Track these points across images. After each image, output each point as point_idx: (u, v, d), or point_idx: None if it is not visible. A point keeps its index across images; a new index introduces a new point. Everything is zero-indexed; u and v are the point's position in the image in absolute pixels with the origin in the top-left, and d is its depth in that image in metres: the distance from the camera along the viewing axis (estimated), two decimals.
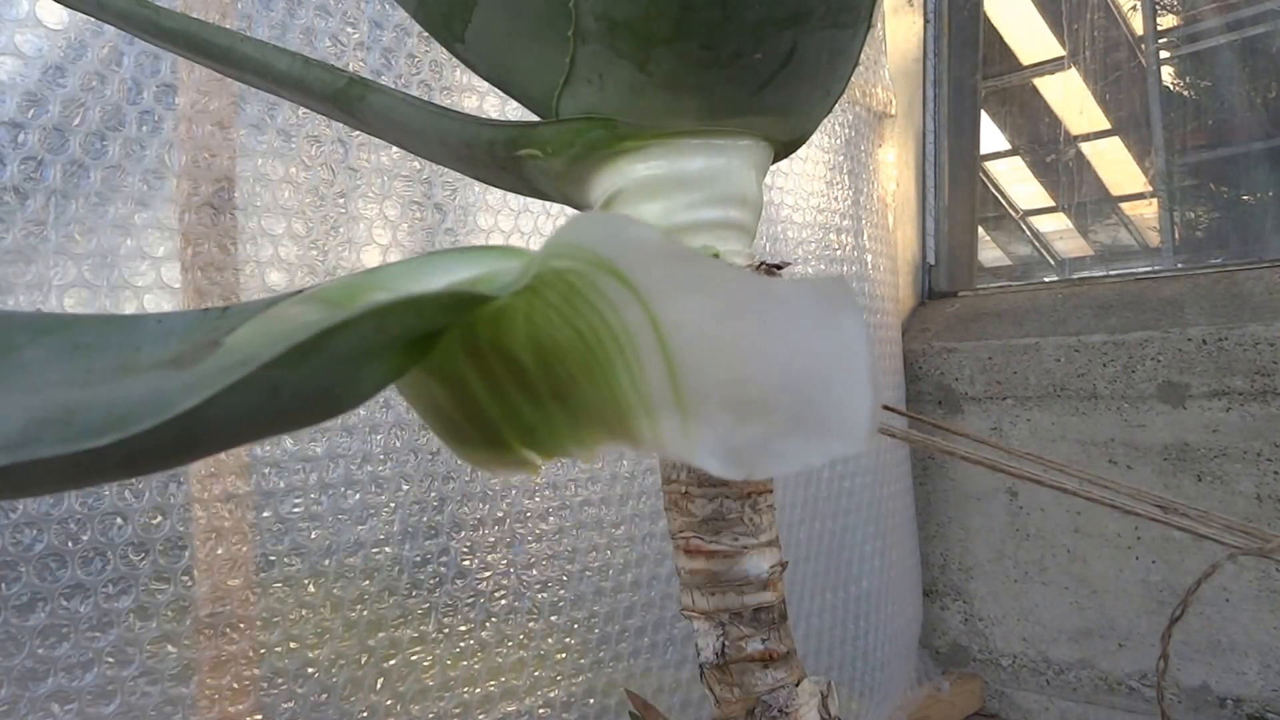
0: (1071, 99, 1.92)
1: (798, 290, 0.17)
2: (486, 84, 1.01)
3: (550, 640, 0.99)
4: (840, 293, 0.16)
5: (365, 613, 0.84)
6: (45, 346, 0.24)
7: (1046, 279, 1.94)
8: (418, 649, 0.87)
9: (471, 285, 0.20)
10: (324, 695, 0.80)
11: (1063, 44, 1.90)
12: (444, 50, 0.94)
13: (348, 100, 0.38)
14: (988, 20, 1.88)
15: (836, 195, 1.47)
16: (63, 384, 0.22)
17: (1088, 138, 1.93)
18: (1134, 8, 1.81)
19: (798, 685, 0.39)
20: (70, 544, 0.67)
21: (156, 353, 0.24)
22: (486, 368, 0.22)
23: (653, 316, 0.17)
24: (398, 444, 0.87)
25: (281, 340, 0.18)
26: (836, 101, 0.39)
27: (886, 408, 0.50)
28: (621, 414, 0.19)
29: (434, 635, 0.89)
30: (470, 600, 0.92)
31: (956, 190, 1.85)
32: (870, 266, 1.54)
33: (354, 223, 0.86)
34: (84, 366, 0.24)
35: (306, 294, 0.27)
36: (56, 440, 0.18)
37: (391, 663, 0.85)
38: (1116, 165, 1.93)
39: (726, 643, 0.39)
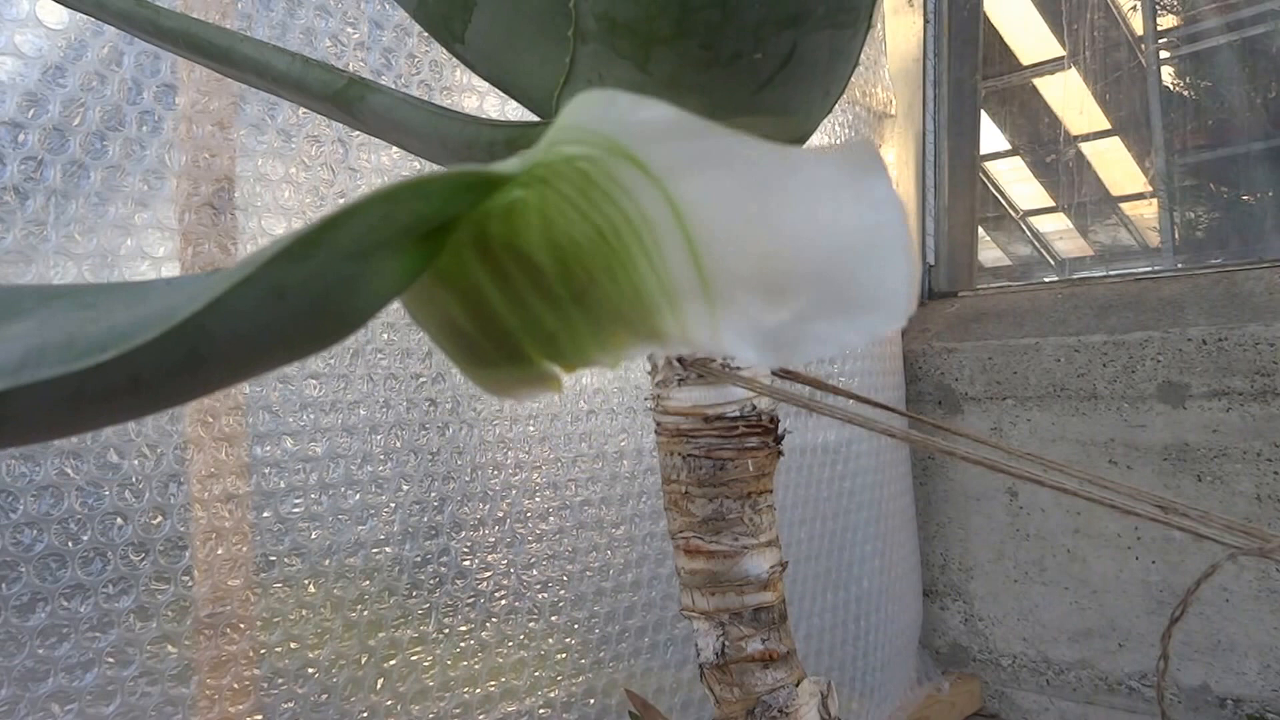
0: (1071, 99, 1.92)
1: (823, 158, 0.16)
2: (487, 84, 1.01)
3: (551, 640, 0.99)
4: (868, 156, 0.15)
5: (365, 613, 0.83)
6: (53, 308, 0.24)
7: (1046, 279, 1.94)
8: (418, 649, 0.87)
9: (481, 166, 0.19)
10: (324, 695, 0.80)
11: (1063, 44, 1.90)
12: (443, 51, 0.94)
13: (347, 100, 0.38)
14: (988, 20, 1.88)
15: None
16: (68, 323, 0.21)
17: (1088, 138, 1.93)
18: (1134, 8, 1.82)
19: (798, 685, 0.39)
20: (70, 544, 0.67)
21: (133, 310, 0.23)
22: (502, 272, 0.21)
23: (671, 199, 0.16)
24: (398, 444, 0.87)
25: (285, 239, 0.17)
26: (836, 101, 0.39)
27: (886, 408, 0.50)
28: (645, 310, 0.18)
29: (434, 635, 0.89)
30: (470, 600, 0.92)
31: (956, 190, 1.85)
32: None
33: None
34: (90, 313, 0.23)
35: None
36: (57, 362, 0.17)
37: (392, 663, 0.85)
38: (1116, 165, 1.93)
39: (726, 643, 0.39)
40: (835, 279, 0.16)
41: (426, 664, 0.88)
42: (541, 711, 0.97)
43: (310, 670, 0.80)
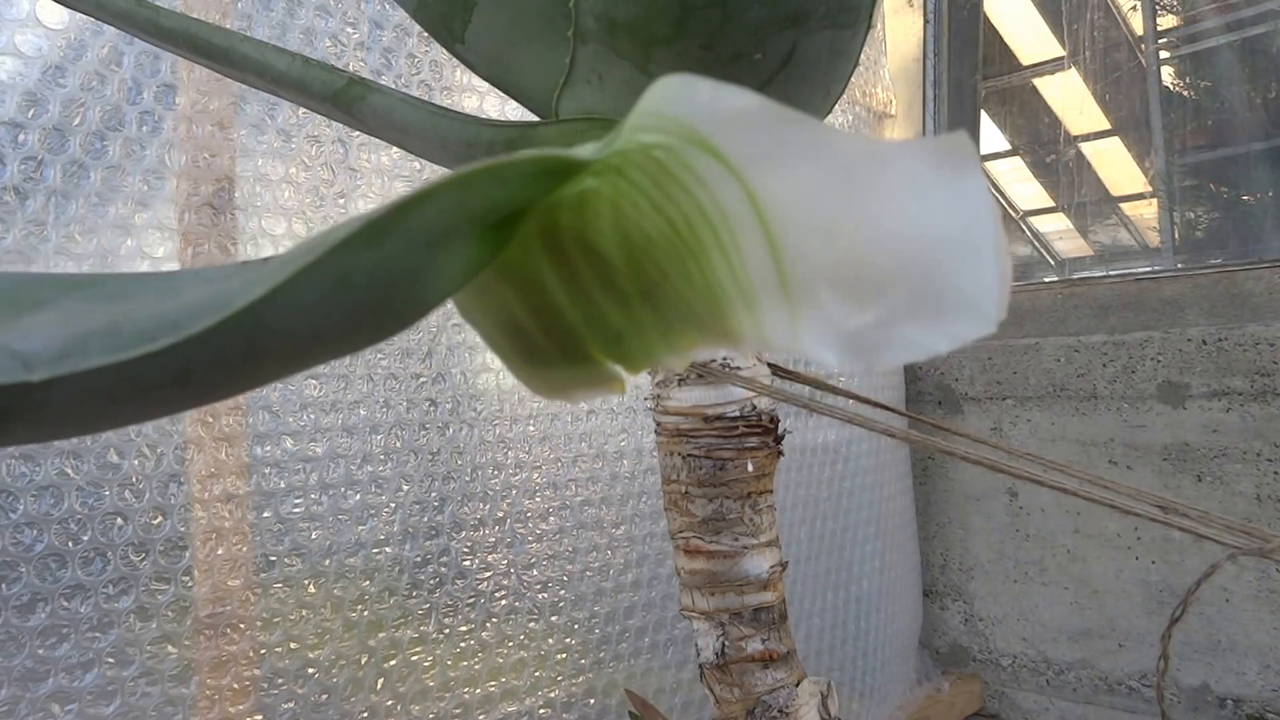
0: (1071, 99, 1.92)
1: (915, 150, 0.15)
2: (486, 84, 1.01)
3: (551, 640, 0.99)
4: (963, 150, 0.15)
5: (365, 613, 0.83)
6: (76, 298, 0.22)
7: (1046, 279, 1.94)
8: (418, 649, 0.87)
9: (561, 151, 0.18)
10: (324, 696, 0.80)
11: (1063, 44, 1.90)
12: (443, 51, 0.94)
13: (347, 100, 0.38)
14: (988, 20, 1.88)
15: None
16: (107, 312, 0.20)
17: (1087, 138, 1.93)
18: (1134, 8, 1.81)
19: (798, 685, 0.39)
20: (71, 544, 0.67)
21: (182, 298, 0.21)
22: (568, 266, 0.20)
23: (751, 193, 0.16)
24: (398, 444, 0.87)
25: (354, 223, 0.16)
26: (836, 102, 0.39)
27: (886, 408, 0.50)
28: (719, 309, 0.18)
29: (434, 636, 0.89)
30: (471, 600, 0.92)
31: None
32: None
33: None
34: (125, 304, 0.21)
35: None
36: (103, 349, 0.16)
37: (392, 663, 0.85)
38: (1116, 165, 1.93)
39: (726, 643, 0.39)
40: (925, 279, 0.15)
41: (427, 664, 0.88)
42: (542, 711, 0.97)
43: (310, 670, 0.80)
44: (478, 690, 0.92)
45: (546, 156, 0.18)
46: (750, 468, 0.39)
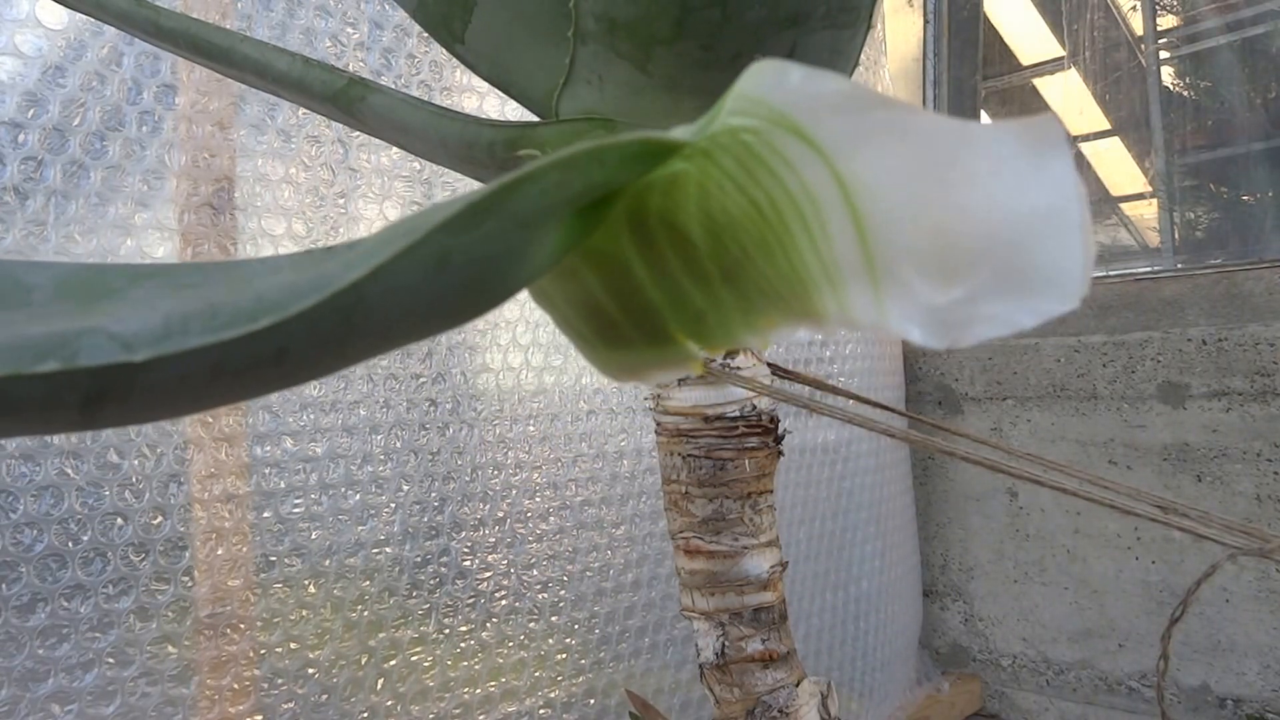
0: (1071, 99, 1.92)
1: (1001, 133, 0.15)
2: (486, 85, 1.01)
3: (551, 641, 0.99)
4: (1050, 133, 0.15)
5: (365, 613, 0.83)
6: (146, 288, 0.22)
7: None
8: (418, 649, 0.87)
9: (658, 133, 0.19)
10: (324, 696, 0.80)
11: (1063, 44, 1.90)
12: (443, 51, 0.94)
13: (348, 100, 0.38)
14: (988, 21, 1.88)
15: None
16: (201, 296, 0.20)
17: (1088, 138, 1.93)
18: (1134, 8, 1.82)
19: (798, 685, 0.39)
20: (71, 544, 0.67)
21: (272, 280, 0.22)
22: (653, 248, 0.21)
23: (838, 175, 0.16)
24: (398, 444, 0.87)
25: (455, 204, 0.17)
26: None
27: (886, 408, 0.50)
28: (803, 289, 0.18)
29: (434, 636, 0.89)
30: (471, 601, 0.92)
31: None
32: None
33: (354, 223, 0.86)
34: (209, 290, 0.22)
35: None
36: (204, 330, 0.16)
37: (392, 663, 0.85)
38: (1116, 165, 1.93)
39: (726, 643, 0.39)
40: (1011, 258, 0.15)
41: (427, 664, 0.88)
42: (542, 712, 0.97)
43: (310, 670, 0.80)
44: (478, 690, 0.92)
45: (647, 139, 0.18)
46: (750, 468, 0.39)
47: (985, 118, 1.94)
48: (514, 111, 0.98)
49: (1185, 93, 1.79)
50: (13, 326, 0.18)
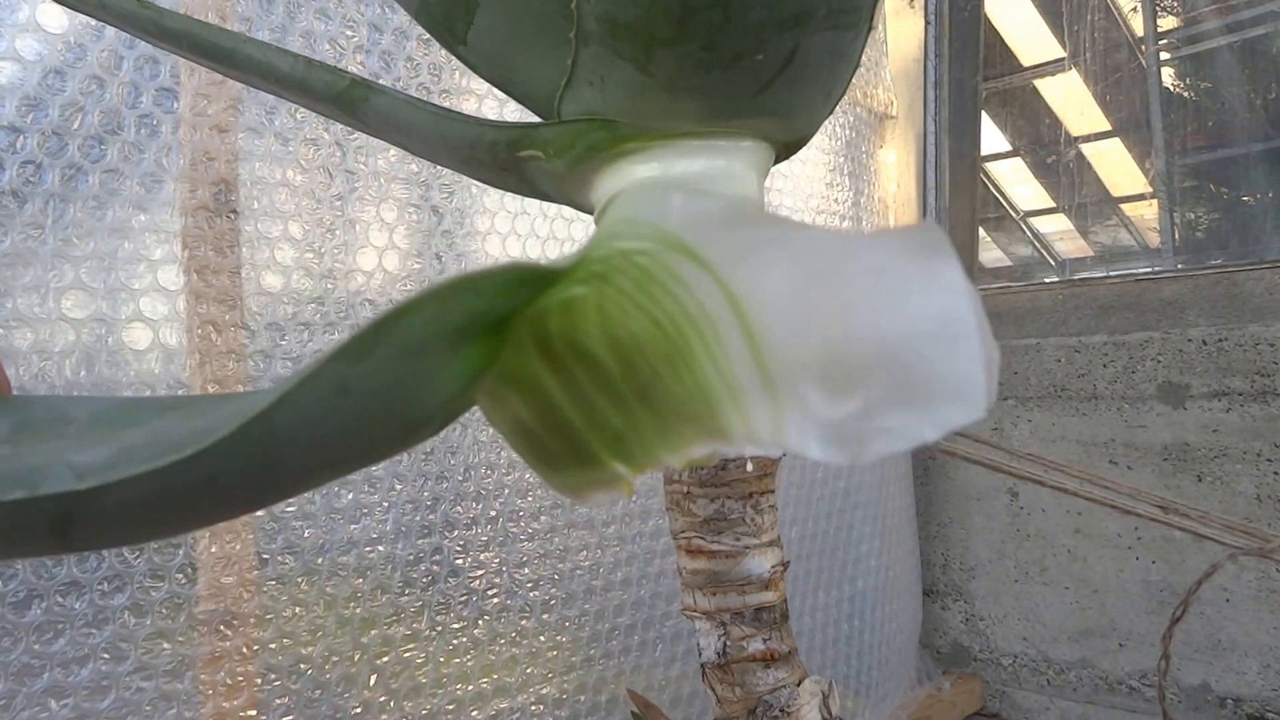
0: (1072, 100, 1.92)
1: (886, 241, 0.15)
2: (485, 87, 1.01)
3: (542, 638, 0.99)
4: (933, 239, 0.15)
5: (359, 610, 0.84)
6: (168, 420, 0.24)
7: (1047, 280, 1.94)
8: (411, 646, 0.88)
9: (530, 263, 0.19)
10: (318, 692, 0.80)
11: (1063, 45, 1.90)
12: (442, 53, 0.94)
13: (350, 102, 0.38)
14: (988, 22, 1.88)
15: (837, 196, 1.47)
16: (161, 427, 0.22)
17: (1088, 139, 1.93)
18: (1134, 9, 1.82)
19: (799, 685, 0.39)
20: None
21: (217, 413, 0.23)
22: (564, 369, 0.21)
23: (729, 291, 0.16)
24: None
25: (345, 338, 0.18)
26: (838, 103, 0.39)
27: None
28: (709, 405, 0.18)
29: (427, 633, 0.89)
30: (463, 598, 0.92)
31: (957, 191, 1.85)
32: None
33: (351, 225, 0.86)
34: (156, 428, 0.23)
35: None
36: (142, 459, 0.18)
37: (385, 660, 0.85)
38: (1117, 166, 1.93)
39: (728, 642, 0.39)
40: (905, 368, 0.15)
41: (420, 661, 0.88)
42: (534, 708, 0.97)
43: (304, 667, 0.80)
44: (470, 687, 0.92)
45: (519, 268, 0.19)
46: (751, 468, 0.39)
47: (986, 119, 1.95)
48: (512, 115, 0.98)
49: (1186, 94, 1.79)
50: (11, 461, 0.20)
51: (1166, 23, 1.82)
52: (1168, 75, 1.79)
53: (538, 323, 0.20)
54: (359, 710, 0.83)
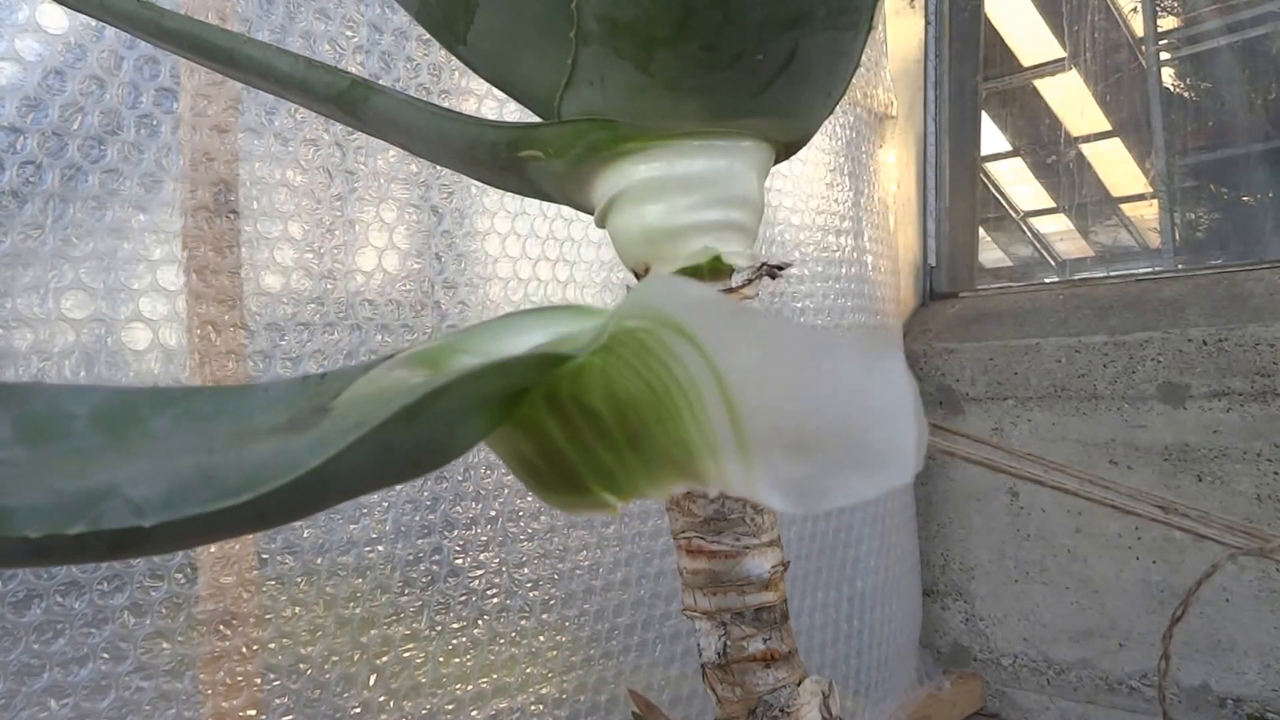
0: (1072, 100, 1.92)
1: (848, 340, 0.18)
2: (484, 88, 1.01)
3: (542, 638, 0.99)
4: (886, 342, 0.18)
5: (358, 610, 0.84)
6: (168, 417, 0.28)
7: (1047, 280, 1.95)
8: (410, 646, 0.88)
9: (555, 347, 0.23)
10: (317, 692, 0.80)
11: (1063, 45, 1.90)
12: (442, 53, 0.94)
13: (351, 102, 0.38)
14: (988, 22, 1.88)
15: (837, 197, 1.47)
16: (191, 451, 0.26)
17: (1088, 139, 1.93)
18: (1134, 9, 1.82)
19: (799, 685, 0.39)
20: None
21: (269, 419, 0.28)
22: (568, 420, 0.25)
23: (715, 368, 0.19)
24: None
25: (391, 404, 0.21)
26: (838, 103, 0.39)
27: None
28: (691, 457, 0.21)
29: (427, 632, 0.89)
30: (463, 598, 0.92)
31: (957, 192, 1.85)
32: (871, 268, 1.54)
33: (350, 226, 0.86)
34: (205, 434, 0.28)
35: (400, 358, 0.29)
36: (199, 500, 0.21)
37: (384, 659, 0.85)
38: (1117, 166, 1.94)
39: (728, 642, 0.39)
40: (855, 441, 0.19)
41: (419, 661, 0.88)
42: (533, 707, 0.97)
43: (304, 666, 0.80)
44: (470, 687, 0.92)
45: (546, 354, 0.23)
46: None
47: (986, 119, 1.95)
48: (512, 115, 0.98)
49: (1186, 94, 1.79)
50: (50, 476, 0.24)
51: (1166, 23, 1.82)
52: (1168, 75, 1.79)
53: (550, 384, 0.24)
54: (358, 710, 0.83)
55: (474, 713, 0.92)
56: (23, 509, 0.21)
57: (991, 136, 2.03)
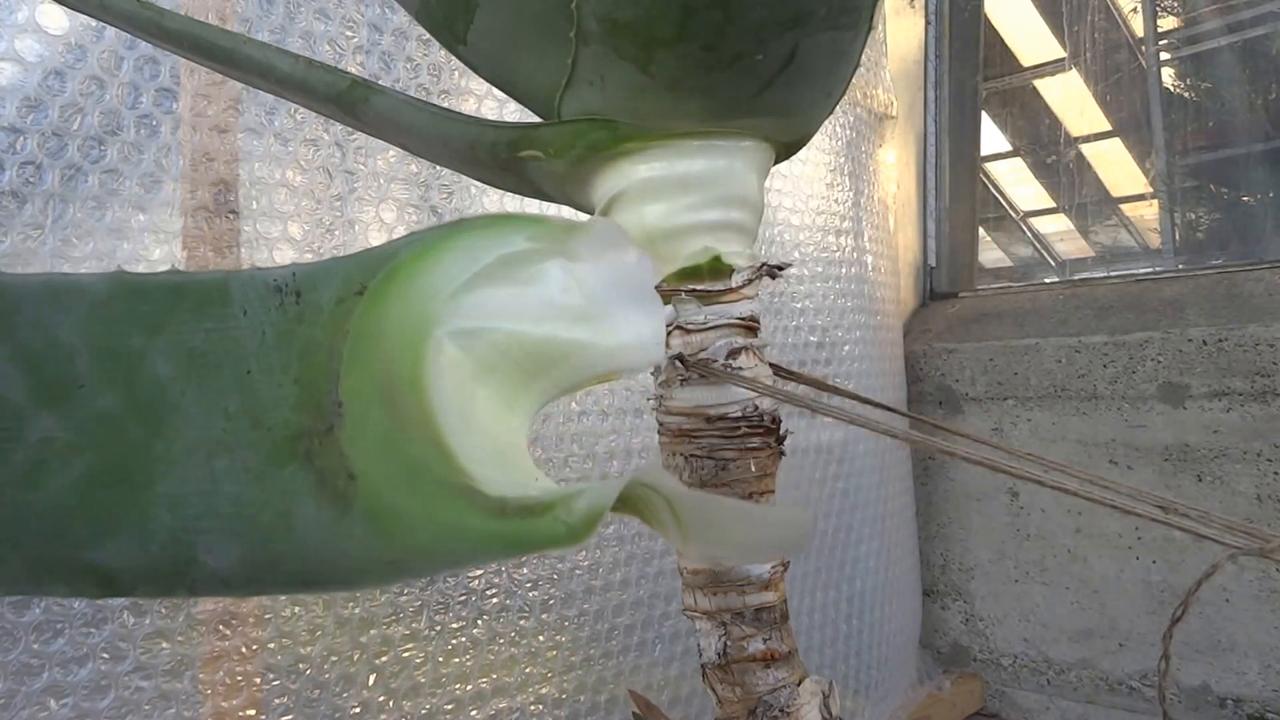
0: (1072, 100, 1.92)
1: (762, 513, 0.31)
2: (484, 88, 1.01)
3: (541, 638, 0.99)
4: (798, 523, 0.26)
5: (357, 610, 0.84)
6: (164, 357, 0.30)
7: (1047, 280, 1.94)
8: (410, 646, 0.88)
9: (597, 509, 0.29)
10: (317, 691, 0.80)
11: (1063, 45, 1.90)
12: (442, 53, 0.94)
13: (351, 102, 0.38)
14: (988, 22, 1.88)
15: (837, 197, 1.47)
16: (230, 479, 0.30)
17: (1088, 139, 1.93)
18: (1135, 9, 1.82)
19: (799, 685, 0.39)
20: None
21: (271, 390, 0.30)
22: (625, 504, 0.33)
23: (675, 510, 0.27)
24: None
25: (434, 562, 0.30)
26: (838, 103, 0.39)
27: (887, 408, 0.51)
28: (660, 526, 0.29)
29: (426, 632, 0.89)
30: (462, 598, 0.92)
31: (957, 192, 1.85)
32: (871, 268, 1.54)
33: (350, 226, 0.86)
34: (222, 412, 0.30)
35: (376, 283, 0.31)
36: (272, 582, 0.29)
37: (384, 659, 0.85)
38: (1117, 166, 1.94)
39: (728, 642, 0.39)
40: (750, 550, 0.33)
41: (419, 660, 0.88)
42: (533, 707, 0.97)
43: (303, 666, 0.80)
44: (469, 686, 0.92)
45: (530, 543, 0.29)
46: (752, 468, 0.39)
47: (986, 119, 1.95)
48: (512, 115, 0.98)
49: (1186, 94, 1.79)
50: (130, 529, 0.28)
51: (1166, 23, 1.82)
52: (1168, 75, 1.79)
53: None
54: (358, 710, 0.83)
55: (473, 712, 0.92)
56: (121, 570, 0.27)
57: (991, 136, 2.03)
